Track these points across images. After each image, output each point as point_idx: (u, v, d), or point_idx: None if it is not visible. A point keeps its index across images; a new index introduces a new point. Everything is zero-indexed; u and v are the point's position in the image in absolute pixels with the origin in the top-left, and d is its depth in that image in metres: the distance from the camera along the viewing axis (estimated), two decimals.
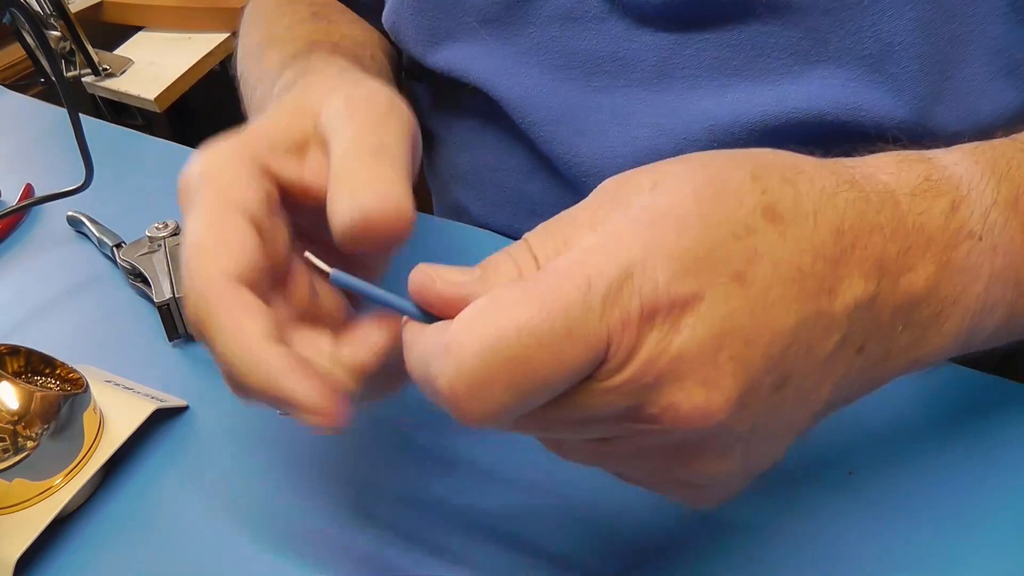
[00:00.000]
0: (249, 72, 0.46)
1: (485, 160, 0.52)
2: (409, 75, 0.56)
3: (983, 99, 0.38)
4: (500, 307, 0.21)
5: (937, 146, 0.29)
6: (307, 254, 0.27)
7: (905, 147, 0.28)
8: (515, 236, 0.50)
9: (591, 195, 0.25)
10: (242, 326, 0.25)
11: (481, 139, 0.52)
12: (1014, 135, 0.31)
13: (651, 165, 0.25)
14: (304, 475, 0.38)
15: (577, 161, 0.46)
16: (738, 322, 0.21)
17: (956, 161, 0.27)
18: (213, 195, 0.27)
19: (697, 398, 0.21)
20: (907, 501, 0.34)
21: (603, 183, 0.25)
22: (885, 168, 0.26)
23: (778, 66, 0.41)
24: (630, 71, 0.44)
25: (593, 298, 0.21)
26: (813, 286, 0.23)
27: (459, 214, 0.56)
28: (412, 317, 0.24)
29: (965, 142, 0.30)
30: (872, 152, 0.28)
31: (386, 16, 0.51)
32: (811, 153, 0.35)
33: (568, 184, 0.48)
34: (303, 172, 0.29)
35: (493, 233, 0.52)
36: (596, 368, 0.21)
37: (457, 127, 0.54)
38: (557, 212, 0.25)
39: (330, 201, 0.27)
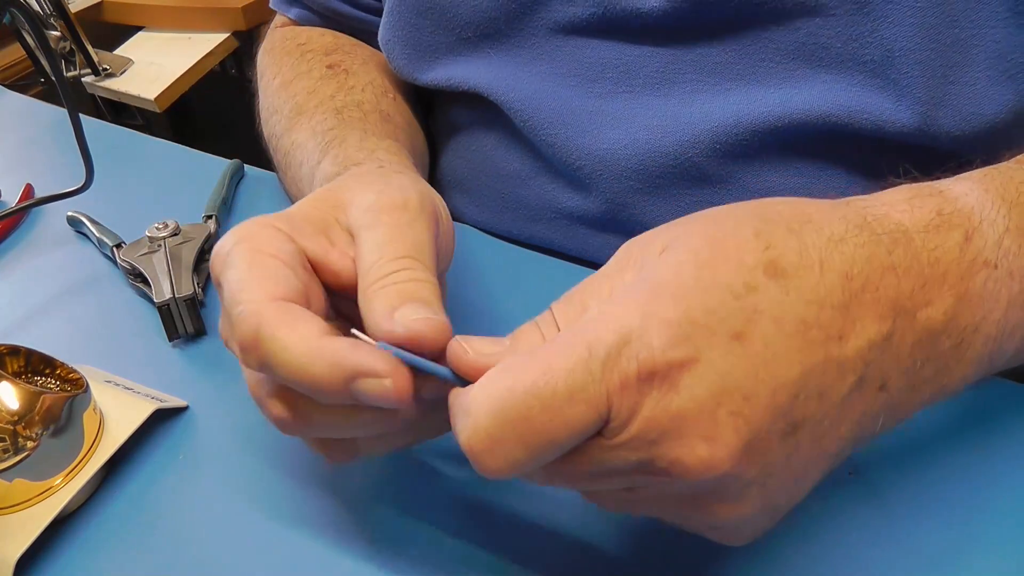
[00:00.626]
0: (279, 141, 0.50)
1: (483, 166, 0.52)
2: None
3: (985, 103, 0.38)
4: (510, 372, 0.23)
5: (944, 151, 0.29)
6: (353, 331, 0.28)
7: (916, 179, 0.30)
8: (513, 241, 0.51)
9: (611, 261, 0.27)
10: (297, 328, 0.27)
11: (479, 145, 0.52)
12: (1020, 157, 0.32)
13: (667, 226, 0.27)
14: (304, 475, 0.38)
15: (579, 163, 0.46)
16: (736, 379, 0.23)
17: (967, 192, 0.28)
18: (249, 251, 0.29)
19: (701, 452, 0.23)
20: (908, 501, 0.34)
21: (624, 247, 0.27)
22: (897, 206, 0.27)
23: (780, 71, 0.41)
24: (632, 78, 0.44)
25: (593, 363, 0.23)
26: (819, 335, 0.24)
27: (456, 218, 0.56)
28: (452, 382, 0.26)
29: (976, 165, 0.31)
30: (885, 187, 0.29)
31: (381, 36, 0.51)
32: (819, 157, 0.37)
33: (567, 188, 0.48)
34: (329, 253, 0.31)
35: (491, 235, 0.52)
36: (603, 427, 0.23)
37: (455, 134, 0.54)
38: (554, 218, 0.26)
39: (367, 312, 0.28)
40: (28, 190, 0.60)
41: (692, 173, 0.44)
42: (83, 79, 1.32)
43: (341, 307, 0.32)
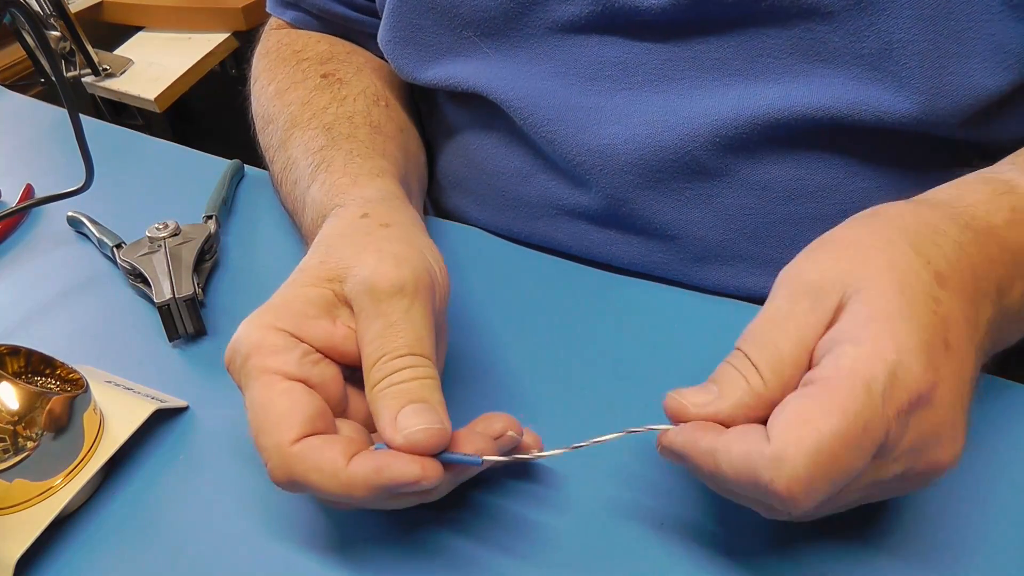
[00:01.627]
0: (275, 153, 0.51)
1: (483, 165, 0.52)
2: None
3: (983, 93, 0.38)
4: (811, 420, 0.26)
5: (941, 138, 0.38)
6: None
7: (976, 166, 0.36)
8: (513, 239, 0.51)
9: (777, 296, 0.31)
10: (324, 466, 0.30)
11: (479, 144, 0.52)
12: None
13: (814, 254, 0.31)
14: None
15: (579, 159, 0.46)
16: (955, 382, 0.28)
17: None
18: (258, 371, 0.32)
19: (954, 450, 0.28)
20: (907, 501, 0.34)
21: (783, 279, 0.31)
22: (980, 205, 0.33)
23: (779, 66, 0.41)
24: (631, 75, 0.44)
25: (875, 400, 0.26)
26: (974, 325, 0.29)
27: (456, 218, 0.56)
28: (477, 466, 0.31)
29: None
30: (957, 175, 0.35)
31: (381, 37, 0.51)
32: (819, 148, 0.41)
33: (567, 185, 0.48)
34: (334, 335, 0.33)
35: (492, 235, 0.52)
36: (879, 449, 0.27)
37: (455, 133, 0.54)
38: (555, 215, 0.27)
39: (374, 415, 0.31)
40: (28, 190, 0.60)
41: (692, 167, 0.44)
42: (83, 79, 1.32)
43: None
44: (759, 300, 0.32)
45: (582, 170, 0.46)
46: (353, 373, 0.34)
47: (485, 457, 0.31)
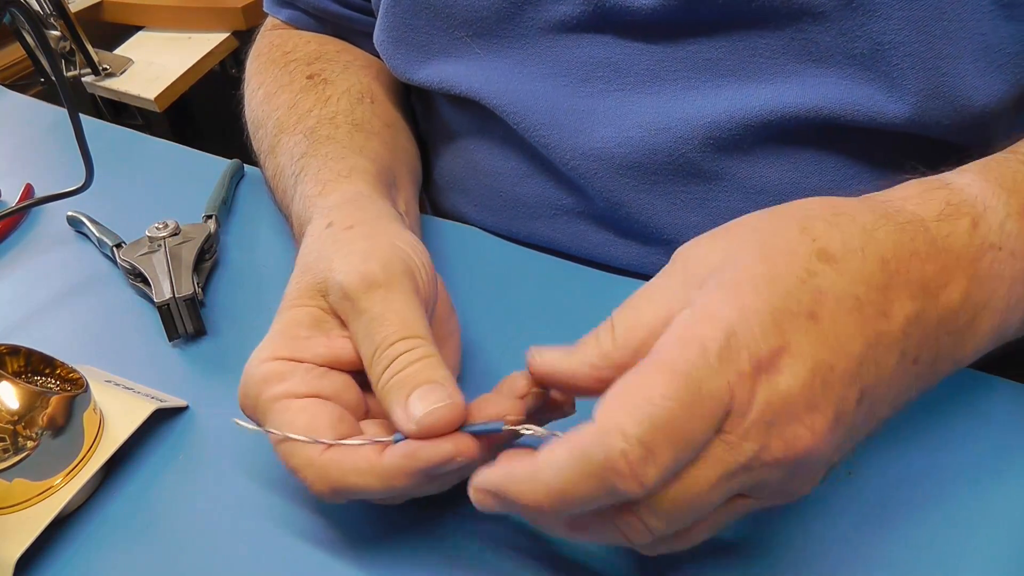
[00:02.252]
0: (266, 159, 0.51)
1: (480, 166, 0.52)
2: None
3: (976, 93, 0.38)
4: (638, 383, 0.25)
5: (935, 140, 0.36)
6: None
7: (924, 174, 0.33)
8: (512, 239, 0.51)
9: (660, 273, 0.29)
10: (360, 465, 0.30)
11: (476, 146, 0.52)
12: (1013, 147, 0.35)
13: (711, 236, 0.30)
14: None
15: (573, 163, 0.46)
16: (821, 354, 0.26)
17: (969, 182, 0.32)
18: (270, 401, 0.32)
19: (813, 424, 0.25)
20: (907, 501, 0.34)
21: (672, 259, 0.30)
22: (911, 199, 0.31)
23: (770, 66, 0.41)
24: (623, 76, 0.44)
25: (710, 358, 0.24)
26: (871, 311, 0.27)
27: (455, 218, 0.56)
28: (506, 432, 0.30)
29: (972, 156, 0.34)
30: (898, 182, 0.32)
31: (376, 36, 0.51)
32: (813, 149, 0.40)
33: (564, 187, 0.48)
34: (331, 348, 0.33)
35: (491, 234, 0.52)
36: (724, 421, 0.25)
37: (451, 135, 0.54)
38: (553, 216, 0.27)
39: (387, 413, 0.31)
40: (28, 190, 0.60)
41: (687, 169, 0.44)
42: (83, 79, 1.32)
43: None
44: None
45: (577, 173, 0.46)
46: (366, 379, 0.34)
47: (508, 419, 0.30)
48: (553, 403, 0.32)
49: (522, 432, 0.30)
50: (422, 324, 0.32)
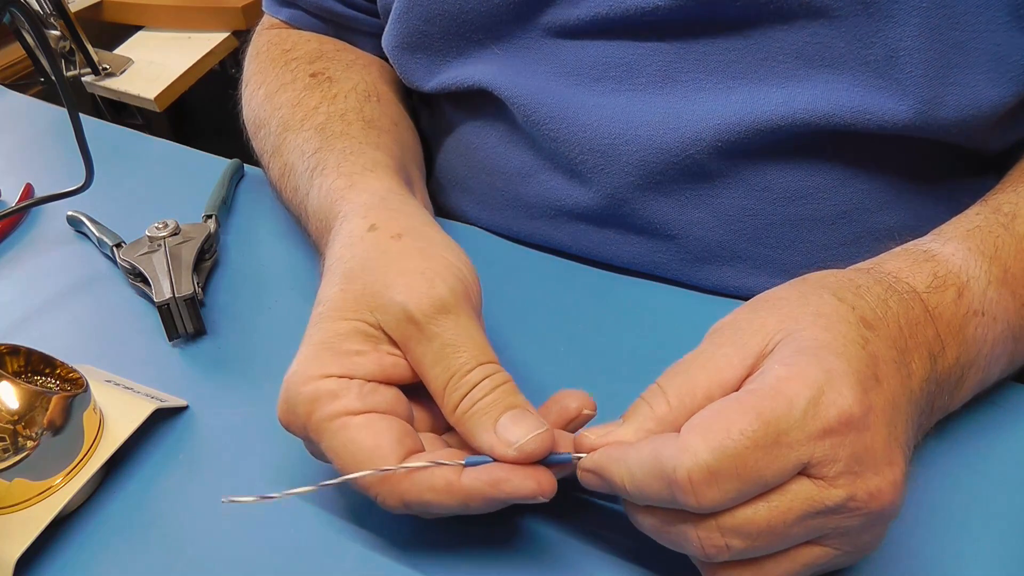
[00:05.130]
0: (270, 158, 0.51)
1: (484, 164, 0.52)
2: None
3: (984, 102, 0.38)
4: (724, 417, 0.27)
5: (939, 144, 0.38)
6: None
7: (904, 239, 0.36)
8: (512, 238, 0.51)
9: (706, 342, 0.31)
10: (437, 483, 0.30)
11: (480, 143, 0.52)
12: (995, 206, 0.37)
13: (749, 311, 0.31)
14: (303, 475, 0.38)
15: (581, 157, 0.46)
16: (889, 414, 0.28)
17: (953, 252, 0.34)
18: (327, 420, 0.31)
19: (894, 478, 0.27)
20: (907, 501, 0.34)
21: (716, 330, 0.31)
22: (903, 270, 0.33)
23: (783, 70, 0.41)
24: (635, 77, 0.44)
25: (795, 412, 0.26)
26: (904, 372, 0.30)
27: (456, 217, 0.56)
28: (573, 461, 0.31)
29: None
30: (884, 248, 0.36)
31: (387, 44, 0.51)
32: (820, 154, 0.42)
33: (568, 184, 0.48)
34: (381, 363, 0.33)
35: (492, 234, 0.52)
36: (812, 468, 0.27)
37: (455, 133, 0.54)
38: (555, 215, 0.28)
39: (471, 437, 0.31)
40: (28, 190, 0.60)
41: (693, 170, 0.44)
42: (83, 79, 1.32)
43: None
44: None
45: (584, 168, 0.46)
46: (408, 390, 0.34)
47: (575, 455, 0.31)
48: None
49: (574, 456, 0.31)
50: (491, 349, 0.33)
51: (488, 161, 0.51)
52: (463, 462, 0.30)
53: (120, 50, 1.39)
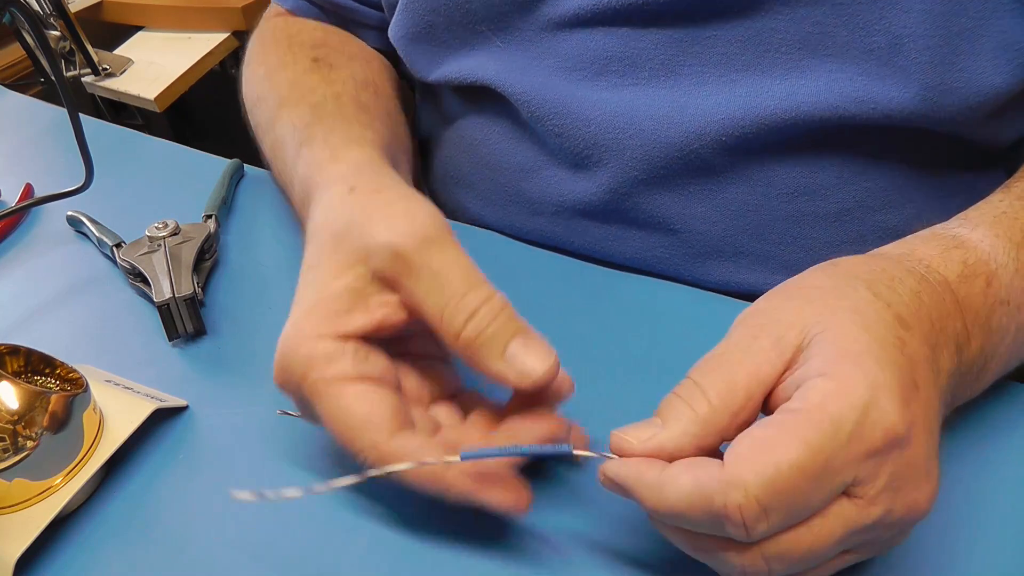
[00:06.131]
0: (264, 132, 0.51)
1: (486, 160, 0.52)
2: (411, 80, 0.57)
3: (990, 89, 0.38)
4: (771, 447, 0.26)
5: (944, 133, 0.38)
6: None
7: (931, 222, 0.35)
8: (513, 234, 0.51)
9: (737, 333, 0.30)
10: (422, 472, 0.31)
11: (483, 139, 0.52)
12: (1018, 193, 0.37)
13: (782, 297, 0.31)
14: (303, 475, 0.38)
15: (585, 151, 0.46)
16: (929, 421, 0.28)
17: (981, 238, 0.34)
18: (323, 384, 0.32)
19: (927, 491, 0.27)
20: None
21: (745, 318, 0.30)
22: (934, 258, 0.33)
23: (786, 60, 0.41)
24: (638, 70, 0.44)
25: (841, 436, 0.26)
26: (935, 369, 0.29)
27: (458, 214, 0.57)
28: (567, 453, 0.30)
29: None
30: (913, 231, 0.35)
31: (393, 34, 0.51)
32: (824, 147, 0.41)
33: (570, 179, 0.48)
34: (372, 318, 0.33)
35: (492, 231, 0.52)
36: (852, 488, 0.26)
37: (457, 129, 0.54)
38: (556, 211, 0.27)
39: (478, 365, 0.31)
40: (28, 190, 0.60)
41: (696, 165, 0.44)
42: (83, 79, 1.32)
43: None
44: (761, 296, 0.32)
45: (588, 163, 0.46)
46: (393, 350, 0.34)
47: (575, 446, 0.31)
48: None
49: (583, 455, 0.31)
50: (480, 272, 0.32)
51: (492, 157, 0.51)
52: (459, 457, 0.30)
53: (120, 50, 1.39)
